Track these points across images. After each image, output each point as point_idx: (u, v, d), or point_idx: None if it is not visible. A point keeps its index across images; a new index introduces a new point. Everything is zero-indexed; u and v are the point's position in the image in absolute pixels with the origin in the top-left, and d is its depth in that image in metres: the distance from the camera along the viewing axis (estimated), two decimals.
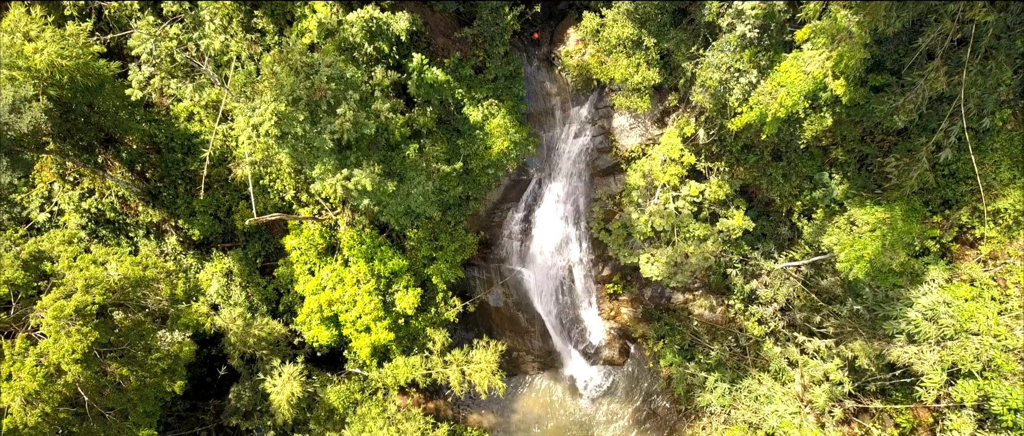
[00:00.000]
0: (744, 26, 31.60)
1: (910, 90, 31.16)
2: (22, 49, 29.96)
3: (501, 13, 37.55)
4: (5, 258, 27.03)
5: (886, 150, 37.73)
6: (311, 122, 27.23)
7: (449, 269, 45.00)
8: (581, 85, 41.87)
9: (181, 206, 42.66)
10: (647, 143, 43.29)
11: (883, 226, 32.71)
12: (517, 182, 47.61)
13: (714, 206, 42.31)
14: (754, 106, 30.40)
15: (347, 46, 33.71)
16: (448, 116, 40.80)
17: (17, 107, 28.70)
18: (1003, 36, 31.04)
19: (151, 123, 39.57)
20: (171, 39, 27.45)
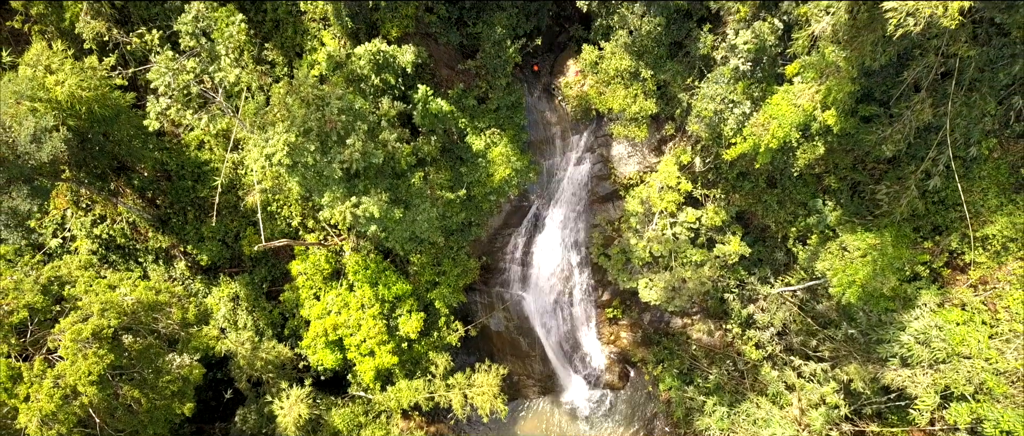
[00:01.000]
0: (737, 59, 32.88)
1: (898, 121, 32.36)
2: (44, 81, 31.18)
3: (503, 46, 38.89)
4: (25, 283, 27.94)
5: (877, 178, 38.83)
6: (321, 152, 28.35)
7: (451, 294, 45.84)
8: (580, 115, 43.13)
9: (190, 232, 43.61)
10: (645, 171, 44.43)
11: (874, 252, 33.72)
12: (518, 208, 48.68)
13: (711, 232, 43.32)
14: (747, 137, 31.56)
15: (355, 78, 34.95)
16: (452, 145, 41.95)
17: (38, 137, 29.81)
18: (986, 69, 32.29)
19: (163, 151, 40.71)
20: (188, 72, 28.65)
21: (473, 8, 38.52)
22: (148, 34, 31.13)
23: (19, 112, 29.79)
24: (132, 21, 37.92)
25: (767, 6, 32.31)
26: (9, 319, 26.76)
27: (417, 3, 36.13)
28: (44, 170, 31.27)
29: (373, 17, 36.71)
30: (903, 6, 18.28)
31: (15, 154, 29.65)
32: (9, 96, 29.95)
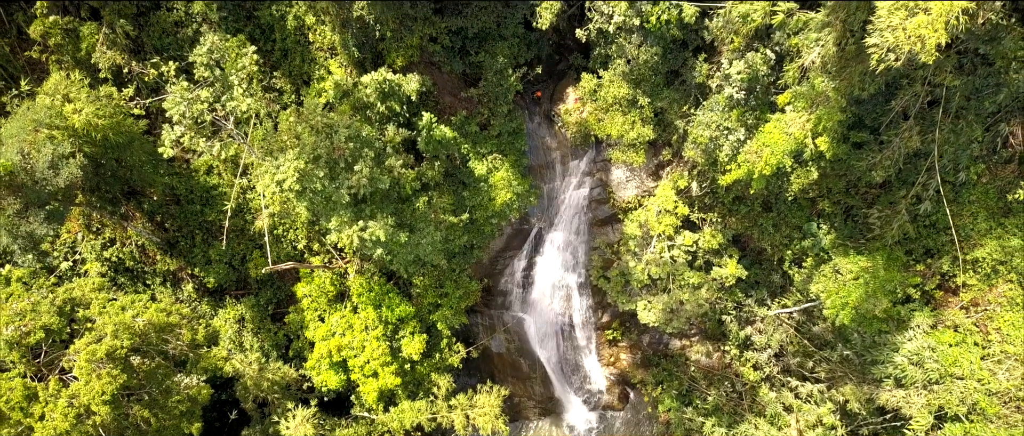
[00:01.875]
0: (731, 88, 34.00)
1: (887, 147, 33.40)
2: (61, 110, 32.27)
3: (505, 75, 40.07)
4: (42, 304, 28.78)
5: (870, 202, 39.80)
6: (330, 178, 29.34)
7: (453, 316, 46.62)
8: (580, 140, 44.20)
9: (197, 255, 44.48)
10: (643, 195, 45.43)
11: (866, 274, 34.62)
12: (519, 231, 49.63)
13: (708, 255, 44.20)
14: (742, 164, 32.60)
15: (361, 105, 36.07)
16: (454, 169, 42.98)
17: (55, 163, 30.80)
18: (972, 97, 33.37)
19: (172, 176, 41.73)
20: (202, 102, 29.75)
21: (476, 38, 39.74)
22: (164, 65, 32.27)
23: (37, 139, 30.82)
24: (145, 50, 39.16)
25: (760, 37, 33.51)
26: (26, 340, 27.56)
27: (422, 34, 37.32)
28: (60, 195, 32.22)
29: (379, 47, 37.95)
30: (885, 42, 19.37)
31: (33, 180, 30.64)
32: (28, 124, 30.99)
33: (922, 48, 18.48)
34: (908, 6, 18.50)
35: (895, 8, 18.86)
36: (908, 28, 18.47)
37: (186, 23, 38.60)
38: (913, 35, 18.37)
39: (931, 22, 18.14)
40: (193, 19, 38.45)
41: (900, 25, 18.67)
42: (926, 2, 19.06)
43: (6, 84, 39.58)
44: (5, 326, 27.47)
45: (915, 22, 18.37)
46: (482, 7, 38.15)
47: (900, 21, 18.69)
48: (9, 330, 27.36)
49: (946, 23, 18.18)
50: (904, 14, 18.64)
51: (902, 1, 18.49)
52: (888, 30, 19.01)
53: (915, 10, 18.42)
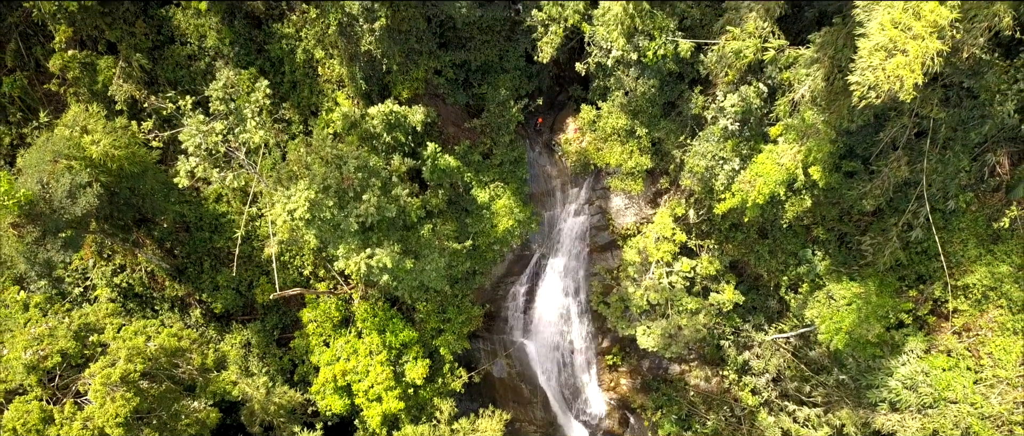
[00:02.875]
0: (726, 120, 35.20)
1: (877, 177, 34.52)
2: (79, 141, 33.47)
3: (507, 106, 41.33)
4: (59, 329, 29.69)
5: (863, 229, 40.80)
6: (339, 207, 30.44)
7: (456, 341, 47.44)
8: (580, 169, 45.32)
9: (206, 281, 45.45)
10: (641, 222, 46.45)
11: (858, 300, 35.54)
12: (520, 257, 50.59)
13: (706, 281, 45.10)
14: (736, 193, 33.69)
15: (368, 136, 37.30)
16: (458, 197, 44.07)
17: (73, 193, 31.92)
18: (959, 128, 34.54)
19: (183, 204, 42.83)
20: (217, 134, 30.96)
21: (479, 71, 41.08)
22: (182, 99, 33.55)
23: (57, 169, 31.97)
24: (159, 83, 40.52)
25: (753, 70, 34.78)
26: (44, 364, 28.43)
27: (427, 67, 38.66)
28: (76, 223, 33.29)
29: (385, 79, 39.27)
30: (866, 80, 20.53)
31: (51, 208, 31.73)
32: (48, 154, 32.18)
33: (901, 87, 19.64)
34: (887, 47, 19.70)
35: (875, 49, 20.07)
36: (887, 68, 19.64)
37: (199, 56, 40.00)
38: (892, 75, 19.53)
39: (908, 63, 19.31)
40: (206, 53, 39.85)
41: (880, 65, 19.87)
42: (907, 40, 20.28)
43: (24, 115, 40.95)
44: (24, 350, 28.36)
45: (893, 63, 19.55)
46: (485, 41, 39.51)
47: (880, 62, 19.88)
48: (28, 354, 28.24)
49: (922, 64, 19.37)
50: (883, 55, 19.84)
51: (883, 41, 19.68)
52: (868, 70, 20.20)
53: (893, 51, 19.62)
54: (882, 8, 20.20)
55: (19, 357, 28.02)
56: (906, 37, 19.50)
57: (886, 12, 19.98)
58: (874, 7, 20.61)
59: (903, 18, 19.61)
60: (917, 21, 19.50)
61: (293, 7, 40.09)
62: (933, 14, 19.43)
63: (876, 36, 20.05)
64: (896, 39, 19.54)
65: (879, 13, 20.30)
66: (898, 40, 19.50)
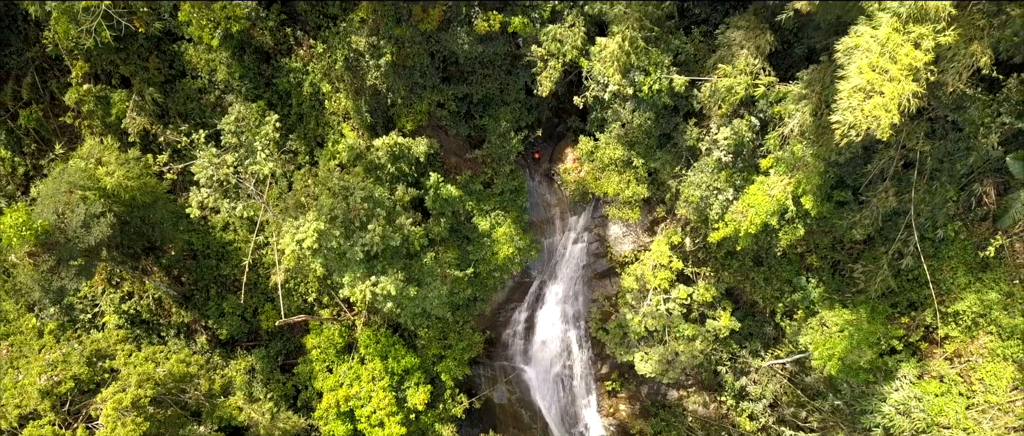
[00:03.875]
0: (719, 151, 36.40)
1: (866, 206, 35.60)
2: (94, 172, 34.65)
3: (507, 137, 42.56)
4: (72, 355, 30.59)
5: (855, 257, 41.77)
6: (345, 236, 31.51)
7: (457, 367, 48.21)
8: (578, 197, 46.42)
9: (212, 308, 46.34)
10: (639, 249, 47.46)
11: (850, 327, 36.42)
12: (521, 284, 51.51)
13: (702, 308, 45.98)
14: (729, 222, 34.77)
15: (373, 167, 38.49)
16: (459, 225, 45.13)
17: (87, 222, 33.00)
18: (945, 160, 35.65)
19: (191, 233, 43.89)
20: (228, 166, 32.11)
21: (480, 104, 42.37)
22: (195, 133, 34.78)
23: (71, 200, 33.08)
24: (170, 115, 41.78)
25: (746, 104, 36.02)
26: (58, 389, 29.29)
27: (430, 100, 39.94)
28: (89, 252, 34.34)
29: (390, 112, 40.54)
30: (845, 120, 21.69)
31: (66, 238, 32.79)
32: (64, 185, 33.31)
33: (878, 126, 20.78)
34: (865, 88, 20.89)
35: (854, 90, 21.26)
36: (865, 108, 20.80)
37: (209, 90, 41.29)
38: (870, 115, 20.69)
39: (885, 103, 20.46)
40: (216, 86, 41.15)
41: (859, 106, 21.03)
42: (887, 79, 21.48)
43: (38, 147, 42.20)
44: (38, 376, 29.24)
45: (871, 103, 20.71)
46: (486, 75, 40.83)
47: (859, 102, 21.05)
48: (42, 380, 29.12)
49: (898, 104, 20.52)
50: (861, 96, 21.02)
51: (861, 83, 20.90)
52: (848, 110, 21.36)
53: (871, 92, 20.79)
54: (860, 52, 21.44)
55: (34, 382, 28.89)
56: (883, 79, 20.68)
57: (864, 55, 21.21)
58: (853, 51, 21.86)
59: (880, 62, 20.81)
60: (893, 64, 20.70)
61: (301, 42, 41.52)
62: (908, 58, 20.63)
63: (854, 78, 21.25)
64: (873, 81, 20.73)
65: (857, 56, 21.53)
66: (875, 82, 20.69)
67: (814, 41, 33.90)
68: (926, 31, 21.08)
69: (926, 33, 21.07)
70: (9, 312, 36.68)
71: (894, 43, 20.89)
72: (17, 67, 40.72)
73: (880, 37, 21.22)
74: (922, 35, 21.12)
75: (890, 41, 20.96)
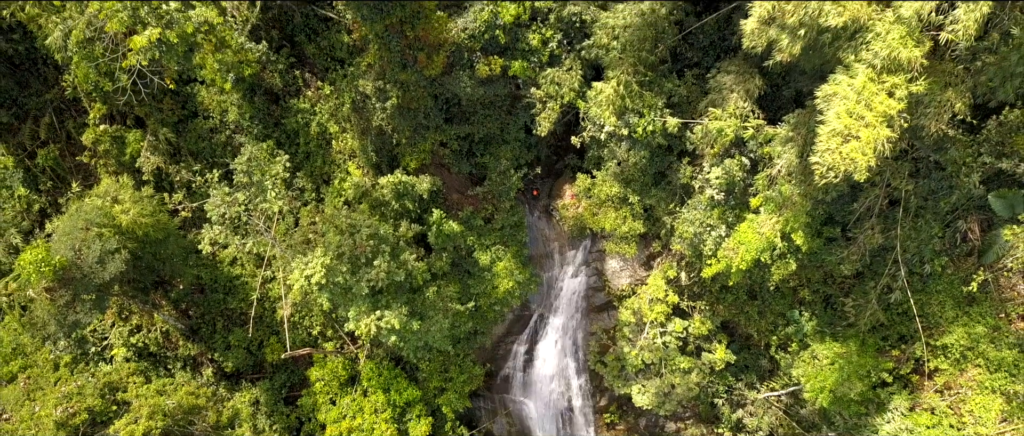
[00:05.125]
0: (712, 190, 37.75)
1: (853, 243, 36.86)
2: (110, 210, 35.98)
3: (508, 174, 44.03)
4: (87, 387, 31.57)
5: (846, 291, 42.81)
6: (351, 272, 32.73)
7: (458, 399, 49.02)
8: (576, 233, 47.70)
9: (218, 341, 47.34)
10: (636, 283, 48.59)
11: (840, 360, 37.42)
12: (520, 317, 52.51)
13: (698, 341, 46.96)
14: (721, 259, 36.00)
15: (378, 203, 39.87)
16: (460, 260, 46.34)
17: (103, 258, 34.25)
18: (929, 198, 36.98)
19: (200, 267, 45.09)
20: (240, 204, 33.46)
21: (481, 142, 43.92)
22: (209, 173, 36.22)
23: (88, 237, 34.37)
24: (181, 153, 43.30)
25: (737, 144, 37.48)
26: (73, 421, 30.23)
27: (433, 140, 41.48)
28: (103, 287, 35.51)
29: (394, 151, 42.05)
30: (825, 161, 23.08)
31: (82, 273, 34.00)
32: (80, 222, 34.62)
33: (855, 169, 22.16)
34: (842, 133, 22.32)
35: (832, 134, 22.70)
36: (843, 152, 22.20)
37: (220, 130, 42.88)
38: (848, 158, 22.07)
39: (861, 147, 21.87)
40: (227, 126, 42.75)
41: (837, 149, 22.43)
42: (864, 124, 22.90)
43: (54, 184, 43.62)
44: (54, 407, 30.19)
45: (849, 147, 22.11)
46: (487, 115, 42.42)
47: (837, 146, 22.46)
48: (58, 411, 30.06)
49: (874, 149, 21.92)
50: (839, 140, 22.43)
51: (839, 128, 22.35)
52: (827, 153, 22.76)
53: (848, 137, 22.21)
54: (838, 99, 22.92)
55: (50, 414, 29.82)
56: (859, 125, 22.11)
57: (842, 103, 22.69)
58: (832, 97, 23.36)
59: (856, 108, 22.27)
60: (869, 111, 22.15)
61: (309, 84, 43.21)
62: (883, 106, 22.08)
63: (833, 123, 22.69)
64: (850, 126, 22.15)
65: (835, 103, 23.01)
66: (852, 127, 22.11)
67: (801, 85, 35.50)
68: (899, 81, 22.56)
69: (899, 83, 22.56)
70: (26, 345, 37.76)
71: (870, 92, 22.36)
72: (36, 108, 42.36)
73: (856, 86, 22.71)
74: (896, 84, 22.61)
75: (866, 90, 22.44)
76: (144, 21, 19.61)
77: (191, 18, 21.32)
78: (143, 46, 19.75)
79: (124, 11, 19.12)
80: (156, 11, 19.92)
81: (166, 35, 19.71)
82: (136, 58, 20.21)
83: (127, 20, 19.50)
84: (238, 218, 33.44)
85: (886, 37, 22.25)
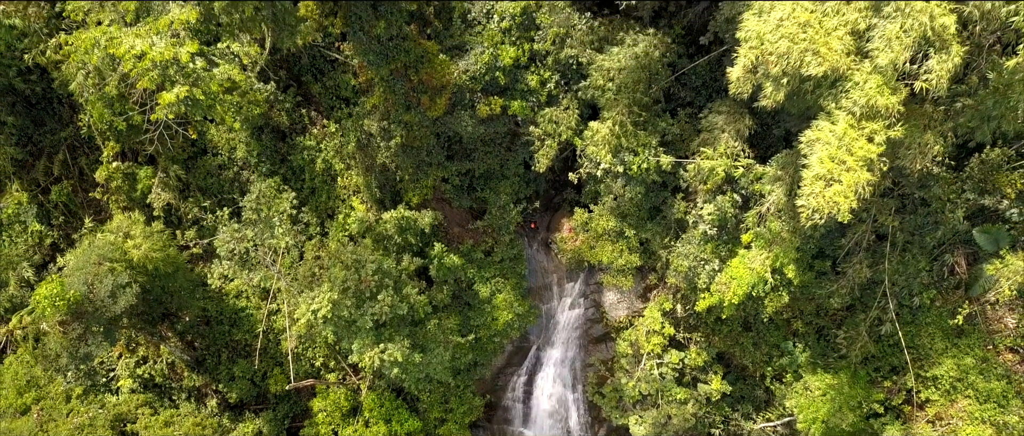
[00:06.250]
0: (705, 225, 38.96)
1: (842, 277, 37.96)
2: (122, 245, 37.13)
3: (507, 209, 45.28)
4: (98, 419, 32.42)
5: (838, 323, 43.75)
6: (356, 306, 33.78)
7: (458, 430, 49.69)
8: (574, 265, 48.81)
9: (223, 372, 48.15)
10: (633, 315, 49.56)
11: (832, 390, 38.32)
12: (520, 349, 53.36)
13: (694, 372, 47.78)
14: (714, 292, 37.10)
15: (381, 238, 41.04)
16: (461, 292, 47.37)
17: (114, 293, 35.32)
18: (916, 233, 38.16)
19: (206, 300, 46.10)
20: (248, 240, 34.63)
21: (482, 178, 45.23)
22: (220, 211, 37.49)
23: (100, 271, 35.46)
24: (190, 189, 44.58)
25: (729, 180, 38.77)
26: None
27: (435, 176, 42.79)
28: (114, 320, 36.52)
29: (397, 187, 43.33)
30: (809, 204, 24.33)
31: (94, 307, 35.04)
32: (93, 257, 35.74)
33: (838, 211, 23.40)
34: (825, 177, 23.59)
35: (815, 178, 23.97)
36: (826, 195, 23.44)
37: (228, 166, 44.20)
38: (831, 200, 23.32)
39: (843, 191, 23.12)
40: (235, 162, 44.08)
41: (821, 192, 23.68)
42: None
43: (66, 219, 44.82)
44: None
45: (831, 190, 23.35)
46: (487, 152, 43.77)
47: (820, 189, 23.71)
48: None
49: (855, 192, 23.17)
50: (822, 184, 23.69)
51: (822, 172, 23.65)
52: (811, 195, 24.01)
53: (831, 181, 23.48)
54: (821, 144, 24.24)
55: None
56: (841, 169, 23.39)
57: (824, 147, 24.00)
58: (815, 142, 24.69)
59: (838, 153, 23.56)
60: (850, 156, 23.44)
61: (315, 122, 44.66)
62: (863, 150, 23.38)
63: (816, 167, 23.97)
64: (833, 170, 23.43)
65: (818, 148, 24.32)
66: (834, 171, 23.39)
67: (790, 124, 36.91)
68: (878, 127, 23.89)
69: (878, 128, 23.88)
70: (39, 377, 38.64)
71: (850, 137, 23.68)
72: (50, 145, 43.73)
73: (838, 132, 24.04)
74: (875, 130, 23.93)
75: (846, 135, 23.76)
76: (173, 79, 20.99)
77: (215, 76, 22.71)
78: (171, 102, 21.10)
79: (155, 70, 20.49)
80: (184, 70, 21.29)
81: (193, 92, 21.08)
82: (164, 112, 21.57)
83: (157, 78, 20.88)
84: (246, 253, 34.56)
85: (864, 86, 23.62)
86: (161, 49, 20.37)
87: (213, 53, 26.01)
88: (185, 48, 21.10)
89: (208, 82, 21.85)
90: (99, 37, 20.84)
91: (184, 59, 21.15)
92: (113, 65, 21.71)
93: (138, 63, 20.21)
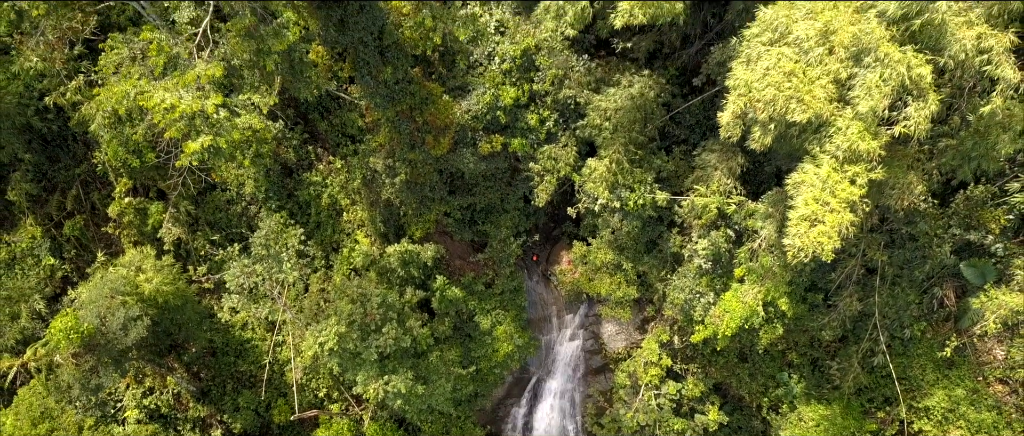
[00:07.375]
0: (700, 259, 40.13)
1: (834, 310, 39.03)
2: (134, 279, 38.26)
3: (508, 242, 46.47)
4: None
5: (832, 354, 44.66)
6: (361, 339, 34.81)
7: None
8: (573, 297, 49.86)
9: (227, 402, 48.94)
10: (631, 346, 50.48)
11: (825, 422, 39.16)
12: (520, 380, 54.16)
13: (691, 402, 48.56)
14: (708, 325, 38.15)
15: (385, 271, 42.18)
16: (462, 324, 48.35)
17: (126, 325, 36.36)
18: (904, 267, 39.30)
19: (213, 331, 47.08)
20: (257, 275, 35.80)
21: (483, 211, 46.50)
22: (230, 247, 38.69)
23: (113, 305, 36.54)
24: (199, 224, 45.81)
25: (723, 216, 40.00)
26: None
27: (438, 211, 44.06)
28: (124, 352, 37.50)
29: (401, 221, 44.57)
30: (795, 243, 25.53)
31: (106, 340, 36.06)
32: (106, 290, 36.85)
33: (822, 251, 24.60)
34: (809, 217, 24.84)
35: (800, 218, 25.22)
36: (811, 235, 24.66)
37: (237, 201, 45.48)
38: (815, 240, 24.53)
39: (827, 231, 24.34)
40: (243, 197, 45.37)
41: (805, 232, 24.90)
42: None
43: (78, 253, 45.99)
44: None
45: (816, 231, 24.58)
46: (488, 187, 45.09)
47: (805, 230, 24.94)
48: None
49: (839, 232, 24.39)
50: (807, 225, 24.93)
51: (806, 213, 24.90)
52: (796, 235, 25.24)
53: (815, 222, 24.71)
54: (805, 186, 25.53)
55: None
56: (825, 210, 24.64)
57: (809, 189, 25.27)
58: (800, 184, 25.98)
59: (822, 195, 24.84)
60: (833, 198, 24.71)
61: (321, 158, 46.04)
62: (845, 193, 24.66)
63: (801, 208, 25.23)
64: (817, 212, 24.67)
65: (803, 189, 25.61)
66: (818, 212, 24.64)
67: (780, 163, 38.27)
68: (860, 170, 25.19)
69: (860, 171, 25.18)
70: (53, 409, 39.52)
71: (834, 180, 24.97)
72: (64, 181, 45.06)
73: (822, 174, 25.33)
74: (857, 173, 25.23)
75: (830, 178, 25.05)
76: (198, 130, 22.33)
77: (238, 125, 24.08)
78: (195, 151, 22.43)
79: (181, 121, 21.85)
80: (209, 120, 22.67)
81: (217, 142, 22.43)
82: (188, 159, 22.89)
83: (184, 128, 22.24)
84: (255, 287, 35.68)
85: (846, 131, 24.96)
86: (189, 102, 21.76)
87: (234, 104, 27.44)
88: (210, 100, 22.55)
89: (230, 131, 23.17)
90: (130, 90, 22.24)
91: (210, 111, 22.53)
92: (142, 115, 23.01)
93: (167, 115, 21.56)
